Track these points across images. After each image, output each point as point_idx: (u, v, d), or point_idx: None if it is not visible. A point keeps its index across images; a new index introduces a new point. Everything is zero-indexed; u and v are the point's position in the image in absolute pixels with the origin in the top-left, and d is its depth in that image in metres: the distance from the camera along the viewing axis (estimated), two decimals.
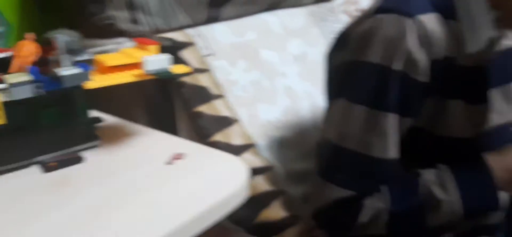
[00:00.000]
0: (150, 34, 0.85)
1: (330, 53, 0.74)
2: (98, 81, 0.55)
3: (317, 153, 0.70)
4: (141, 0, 0.81)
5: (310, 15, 1.11)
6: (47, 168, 0.57)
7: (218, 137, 0.84)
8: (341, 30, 0.71)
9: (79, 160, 0.59)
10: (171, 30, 0.88)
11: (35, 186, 0.54)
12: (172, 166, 0.58)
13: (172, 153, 0.61)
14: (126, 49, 0.66)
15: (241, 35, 0.97)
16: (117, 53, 0.64)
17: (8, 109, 0.53)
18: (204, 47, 0.90)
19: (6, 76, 0.55)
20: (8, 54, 0.58)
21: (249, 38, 0.97)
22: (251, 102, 0.91)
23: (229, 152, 0.63)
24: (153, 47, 0.61)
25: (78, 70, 0.55)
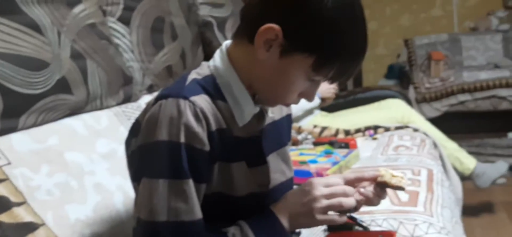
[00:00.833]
0: None
1: (127, 141, 0.82)
2: None
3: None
4: None
5: (115, 115, 1.18)
6: None
7: None
8: (134, 120, 0.80)
9: None
10: None
11: None
12: None
13: None
14: None
15: (43, 141, 0.99)
16: None
17: None
18: None
19: None
20: None
21: (52, 143, 0.99)
22: (58, 204, 0.92)
23: None
24: None
25: None
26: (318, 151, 1.77)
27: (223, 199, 0.79)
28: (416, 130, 2.08)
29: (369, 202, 0.86)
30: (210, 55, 0.82)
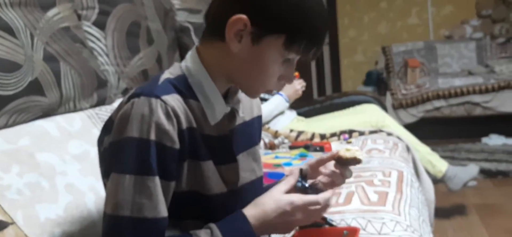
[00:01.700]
0: None
1: (99, 139, 0.84)
2: None
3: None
4: None
5: (88, 118, 1.19)
6: None
7: None
8: (108, 118, 0.82)
9: None
10: None
11: None
12: None
13: None
14: None
15: (14, 142, 0.99)
16: None
17: None
18: None
19: None
20: None
21: (23, 144, 1.00)
22: (28, 204, 0.92)
23: None
24: None
25: None
26: (293, 154, 1.81)
27: (197, 197, 0.80)
28: (389, 134, 2.13)
29: (334, 181, 0.89)
30: None
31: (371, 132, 2.14)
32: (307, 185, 0.87)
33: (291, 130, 2.17)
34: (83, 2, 1.36)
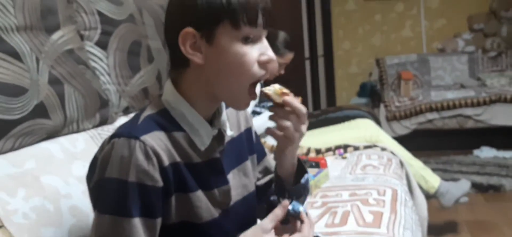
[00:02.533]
0: None
1: (87, 176, 0.86)
2: None
3: None
4: None
5: (91, 138, 1.22)
6: None
7: None
8: (93, 156, 0.84)
9: None
10: None
11: None
12: None
13: None
14: None
15: (20, 166, 1.01)
16: None
17: None
18: None
19: None
20: None
21: (29, 167, 1.02)
22: (34, 228, 0.95)
23: None
24: None
25: None
26: None
27: (189, 226, 0.83)
28: (383, 149, 2.17)
29: (283, 128, 0.84)
30: None
31: (366, 147, 2.19)
32: (301, 208, 0.88)
33: None
34: (86, 23, 1.38)
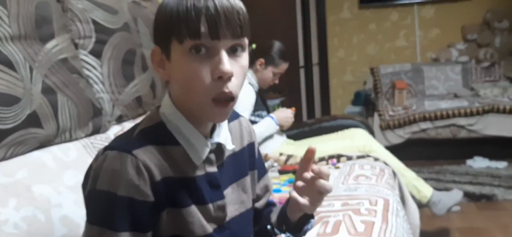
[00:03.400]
0: None
1: (83, 184, 0.86)
2: None
3: None
4: None
5: (83, 147, 1.22)
6: None
7: None
8: (88, 166, 0.85)
9: None
10: None
11: None
12: None
13: None
14: None
15: (12, 175, 1.02)
16: None
17: None
18: None
19: None
20: None
21: (21, 177, 1.03)
22: None
23: None
24: None
25: None
26: (283, 180, 1.85)
27: None
28: (376, 159, 2.18)
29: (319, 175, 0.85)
30: None
31: (359, 157, 2.20)
32: None
33: (281, 154, 2.21)
34: (80, 31, 1.39)
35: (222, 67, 0.75)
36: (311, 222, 0.93)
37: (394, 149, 2.70)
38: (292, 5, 4.00)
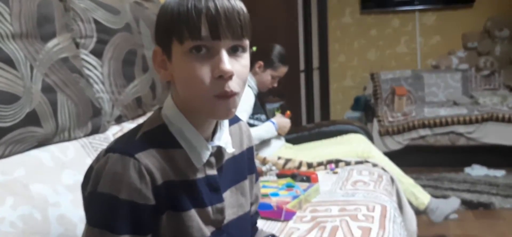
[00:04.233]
0: None
1: (82, 185, 0.86)
2: None
3: None
4: None
5: (82, 147, 1.22)
6: None
7: None
8: (89, 166, 0.85)
9: None
10: None
11: None
12: None
13: None
14: None
15: (10, 173, 1.01)
16: None
17: None
18: None
19: None
20: None
21: (18, 175, 1.02)
22: (20, 236, 0.94)
23: None
24: None
25: None
26: (280, 184, 1.84)
27: None
28: (375, 165, 2.18)
29: None
30: None
31: (357, 163, 2.20)
32: None
33: (279, 158, 2.21)
34: (82, 31, 1.39)
35: (222, 66, 0.75)
36: None
37: (393, 155, 2.70)
38: (294, 9, 4.01)
